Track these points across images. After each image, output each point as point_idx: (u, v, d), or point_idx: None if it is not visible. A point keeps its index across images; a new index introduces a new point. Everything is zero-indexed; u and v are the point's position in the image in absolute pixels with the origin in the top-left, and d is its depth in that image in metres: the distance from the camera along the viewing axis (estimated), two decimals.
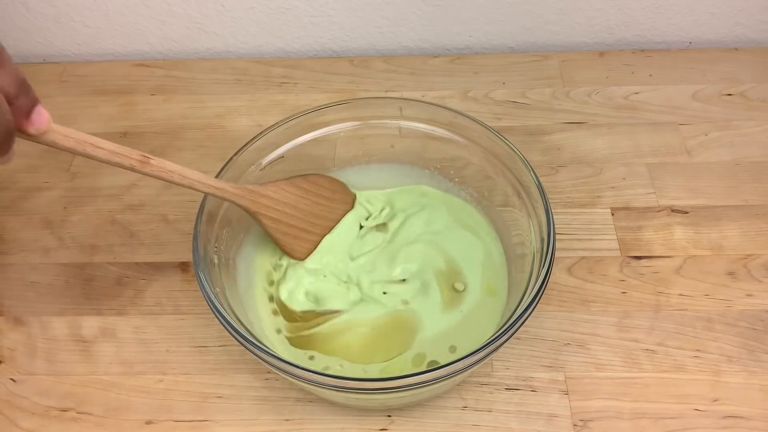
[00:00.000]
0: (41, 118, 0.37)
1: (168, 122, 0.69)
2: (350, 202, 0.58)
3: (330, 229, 0.56)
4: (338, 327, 0.51)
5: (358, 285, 0.54)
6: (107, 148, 0.42)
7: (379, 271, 0.54)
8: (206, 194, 0.49)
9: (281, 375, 0.43)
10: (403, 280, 0.54)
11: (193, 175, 0.47)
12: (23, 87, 0.36)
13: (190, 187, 0.47)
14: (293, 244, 0.54)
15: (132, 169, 0.43)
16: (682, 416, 0.48)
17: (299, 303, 0.52)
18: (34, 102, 0.37)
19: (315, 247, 0.56)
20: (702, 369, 0.50)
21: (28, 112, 0.37)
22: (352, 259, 0.55)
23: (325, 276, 0.54)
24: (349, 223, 0.57)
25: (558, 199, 0.61)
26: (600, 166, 0.63)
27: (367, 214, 0.58)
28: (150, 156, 0.44)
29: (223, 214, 0.51)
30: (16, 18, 0.74)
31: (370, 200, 0.59)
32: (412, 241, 0.56)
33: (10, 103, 0.35)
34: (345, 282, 0.54)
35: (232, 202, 0.50)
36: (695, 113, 0.68)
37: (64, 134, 0.39)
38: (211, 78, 0.74)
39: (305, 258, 0.55)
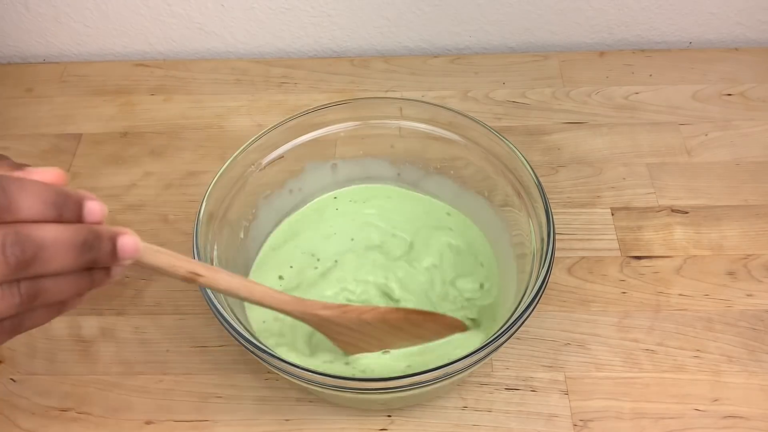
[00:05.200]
0: (128, 247, 0.33)
1: (168, 122, 0.69)
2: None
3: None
4: None
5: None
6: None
7: None
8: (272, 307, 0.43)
9: (281, 375, 0.43)
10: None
11: (254, 290, 0.41)
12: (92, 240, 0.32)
13: (256, 303, 0.42)
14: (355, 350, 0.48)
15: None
16: (682, 416, 0.48)
17: None
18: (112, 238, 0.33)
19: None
20: (702, 369, 0.50)
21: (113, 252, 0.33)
22: None
23: None
24: None
25: (558, 199, 0.61)
26: (600, 166, 0.63)
27: None
28: (199, 273, 0.37)
29: (223, 214, 0.51)
30: (16, 18, 0.74)
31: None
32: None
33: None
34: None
35: (300, 320, 0.44)
36: (695, 113, 0.67)
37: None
38: (211, 78, 0.74)
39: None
